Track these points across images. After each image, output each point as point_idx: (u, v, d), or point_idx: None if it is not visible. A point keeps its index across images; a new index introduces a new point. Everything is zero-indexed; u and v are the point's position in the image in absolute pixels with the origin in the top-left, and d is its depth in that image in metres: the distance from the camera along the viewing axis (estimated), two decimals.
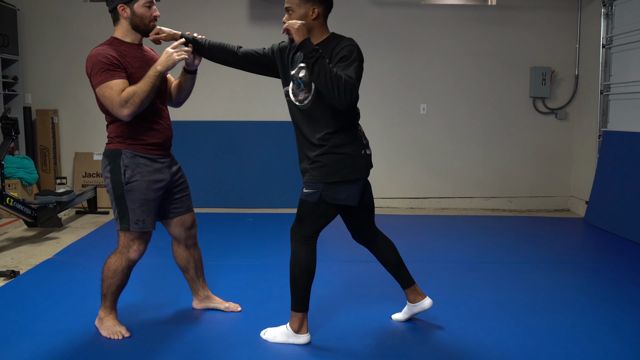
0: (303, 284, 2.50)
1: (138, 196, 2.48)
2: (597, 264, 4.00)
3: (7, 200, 4.23)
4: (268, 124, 6.07)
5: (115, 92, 2.34)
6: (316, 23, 2.43)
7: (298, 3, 2.41)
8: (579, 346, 2.57)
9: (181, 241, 2.81)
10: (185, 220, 2.76)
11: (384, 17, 5.95)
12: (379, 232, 2.75)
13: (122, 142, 2.49)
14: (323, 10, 2.44)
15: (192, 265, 2.87)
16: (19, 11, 5.91)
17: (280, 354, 2.48)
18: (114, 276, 2.56)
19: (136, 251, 2.55)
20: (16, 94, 5.88)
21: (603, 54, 5.45)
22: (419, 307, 2.76)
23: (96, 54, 2.39)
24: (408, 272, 2.76)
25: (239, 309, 2.96)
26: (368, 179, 2.61)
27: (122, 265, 2.55)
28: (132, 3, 2.45)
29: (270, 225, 5.09)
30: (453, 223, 5.38)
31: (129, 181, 2.47)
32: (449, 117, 6.13)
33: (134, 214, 2.49)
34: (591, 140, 5.74)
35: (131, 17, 2.47)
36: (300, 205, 2.52)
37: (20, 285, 3.34)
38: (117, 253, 2.57)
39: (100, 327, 2.64)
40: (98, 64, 2.36)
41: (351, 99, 2.28)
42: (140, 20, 2.48)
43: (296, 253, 2.51)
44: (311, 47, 2.28)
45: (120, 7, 2.45)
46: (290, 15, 2.43)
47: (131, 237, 2.53)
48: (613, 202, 5.02)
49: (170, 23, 5.96)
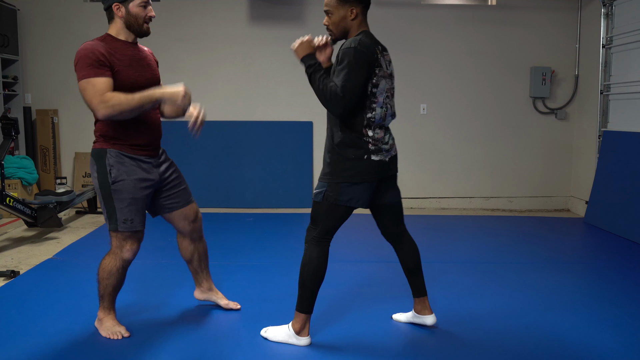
0: (311, 286, 2.49)
1: (125, 195, 2.47)
2: (597, 264, 4.00)
3: (7, 200, 4.23)
4: (268, 124, 6.07)
5: (96, 90, 2.32)
6: (355, 23, 2.46)
7: (336, 5, 2.43)
8: (579, 346, 2.57)
9: (186, 235, 2.80)
10: (187, 213, 2.74)
11: (384, 17, 5.95)
12: (406, 233, 2.73)
13: (107, 141, 2.47)
14: (362, 9, 2.46)
15: (197, 257, 2.87)
16: (19, 11, 5.91)
17: (281, 353, 2.48)
18: (109, 277, 2.55)
19: (129, 251, 2.54)
20: (16, 94, 5.88)
21: (603, 54, 5.45)
22: (421, 320, 2.75)
23: (84, 48, 2.38)
24: (423, 282, 2.74)
25: (239, 307, 2.96)
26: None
27: (116, 266, 2.54)
28: (127, 2, 2.43)
29: (270, 225, 5.09)
30: (453, 223, 5.38)
31: (115, 180, 2.45)
32: (449, 117, 6.13)
33: (121, 214, 2.48)
34: (591, 140, 5.74)
35: (126, 16, 2.45)
36: (312, 205, 2.54)
37: (20, 285, 3.34)
38: (110, 254, 2.56)
39: (100, 327, 2.64)
40: (84, 58, 2.35)
41: (338, 108, 2.33)
42: (134, 19, 2.46)
43: (307, 254, 2.50)
44: (308, 62, 2.42)
45: (115, 6, 2.43)
46: (330, 18, 2.47)
47: (122, 237, 2.52)
48: (613, 202, 5.02)
49: (170, 23, 6.00)
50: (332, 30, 2.49)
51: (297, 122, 6.07)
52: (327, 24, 2.49)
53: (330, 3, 2.45)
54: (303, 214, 5.59)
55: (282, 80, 6.05)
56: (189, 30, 5.96)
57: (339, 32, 2.48)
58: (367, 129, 2.44)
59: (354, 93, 2.33)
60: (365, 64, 2.35)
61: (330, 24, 2.47)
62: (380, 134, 2.47)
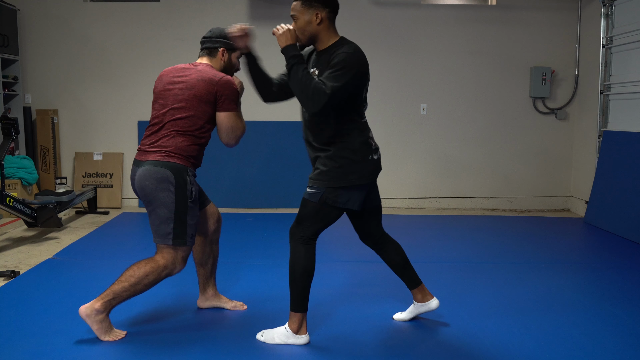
0: (302, 285, 2.49)
1: (195, 212, 2.55)
2: (597, 264, 4.00)
3: (7, 200, 4.23)
4: (268, 124, 6.07)
5: (241, 125, 2.61)
6: (321, 28, 2.43)
7: (301, 10, 2.42)
8: (579, 346, 2.57)
9: (208, 235, 2.86)
10: (213, 211, 2.85)
11: (384, 17, 5.95)
12: (386, 235, 2.74)
13: (184, 159, 2.52)
14: (327, 14, 2.43)
15: (211, 261, 2.91)
16: (19, 11, 5.91)
17: (282, 354, 2.48)
18: (147, 285, 2.51)
19: (182, 265, 2.56)
20: (16, 94, 5.88)
21: (603, 54, 5.45)
22: (427, 306, 2.76)
23: (233, 82, 2.57)
24: (415, 272, 2.76)
25: (245, 307, 2.98)
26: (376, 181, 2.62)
27: (158, 279, 2.51)
28: (231, 52, 2.67)
29: (270, 225, 5.09)
30: (453, 223, 5.38)
31: (194, 198, 2.52)
32: (449, 117, 6.13)
33: (190, 229, 2.52)
34: (591, 140, 5.74)
35: (226, 62, 2.68)
36: (302, 205, 2.51)
37: (20, 285, 3.34)
38: (158, 267, 2.49)
39: (93, 323, 2.52)
40: (236, 93, 2.58)
41: (317, 106, 2.29)
42: (229, 67, 2.70)
43: (295, 253, 2.50)
44: (291, 53, 2.37)
45: (221, 51, 2.67)
46: (295, 23, 2.45)
47: (182, 252, 2.53)
48: (613, 202, 5.02)
49: (170, 23, 6.00)
50: (298, 36, 2.45)
51: (296, 122, 6.05)
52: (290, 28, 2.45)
53: (295, 7, 2.45)
54: None
55: None
56: (189, 30, 5.96)
57: (305, 38, 2.45)
58: (366, 130, 2.50)
59: (340, 98, 2.33)
60: (358, 74, 2.36)
61: (297, 29, 2.44)
62: (371, 134, 2.56)
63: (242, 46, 2.57)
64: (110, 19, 6.03)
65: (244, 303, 3.00)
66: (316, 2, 2.40)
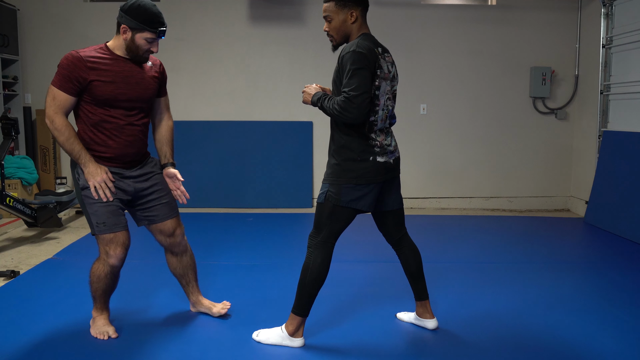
0: (310, 290, 2.48)
1: (93, 200, 2.47)
2: (597, 264, 4.00)
3: (7, 200, 4.23)
4: (268, 124, 6.07)
5: (55, 102, 2.40)
6: (355, 25, 2.44)
7: (335, 10, 2.42)
8: (579, 346, 2.57)
9: (167, 249, 2.78)
10: (163, 228, 2.68)
11: (384, 17, 5.95)
12: (407, 239, 2.73)
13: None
14: (361, 12, 2.45)
15: (179, 272, 2.82)
16: (19, 11, 5.91)
17: (278, 354, 2.48)
18: (98, 281, 2.56)
19: (113, 256, 2.50)
20: (16, 94, 5.88)
21: (603, 54, 5.45)
22: (422, 323, 2.76)
23: (70, 57, 2.40)
24: (425, 286, 2.74)
25: (228, 305, 2.90)
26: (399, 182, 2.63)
27: (104, 272, 2.53)
28: (135, 30, 2.42)
29: (270, 226, 5.08)
30: (453, 223, 5.38)
31: (84, 187, 2.47)
32: (449, 117, 6.13)
33: (95, 217, 2.48)
34: (591, 140, 5.74)
35: (129, 41, 2.45)
36: (316, 209, 2.53)
37: (20, 285, 3.34)
38: (99, 259, 2.55)
39: (91, 326, 2.66)
40: (65, 67, 2.39)
41: (352, 113, 2.28)
42: (135, 48, 2.46)
43: (311, 258, 2.47)
44: (314, 99, 2.44)
45: (122, 28, 2.43)
46: (329, 23, 2.45)
47: (104, 242, 2.50)
48: (613, 202, 5.02)
49: (170, 23, 5.98)
50: (332, 36, 2.47)
51: (296, 122, 6.07)
52: (327, 29, 2.47)
53: (329, 8, 2.44)
54: (303, 214, 5.60)
55: (282, 80, 6.05)
56: (189, 30, 5.96)
57: (340, 37, 2.47)
58: (371, 131, 2.43)
59: (365, 93, 2.29)
60: (366, 65, 2.32)
61: (331, 30, 2.46)
62: (383, 136, 2.47)
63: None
64: (110, 19, 5.99)
65: (226, 302, 2.92)
66: (350, 1, 2.41)
